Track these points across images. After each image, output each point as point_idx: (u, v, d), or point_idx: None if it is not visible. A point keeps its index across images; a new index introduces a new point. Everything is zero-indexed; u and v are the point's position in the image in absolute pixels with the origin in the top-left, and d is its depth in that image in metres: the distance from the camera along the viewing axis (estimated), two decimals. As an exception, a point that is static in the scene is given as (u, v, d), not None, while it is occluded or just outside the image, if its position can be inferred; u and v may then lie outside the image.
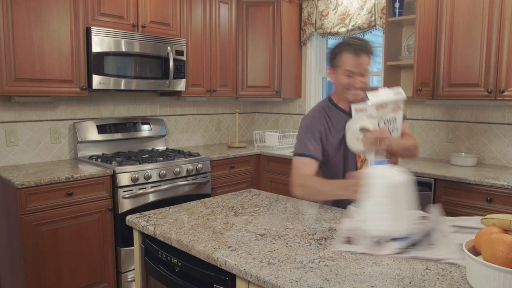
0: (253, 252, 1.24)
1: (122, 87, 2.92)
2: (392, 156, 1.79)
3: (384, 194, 1.32)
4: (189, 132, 3.92)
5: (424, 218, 1.48)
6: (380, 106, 1.65)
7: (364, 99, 1.71)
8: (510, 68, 2.59)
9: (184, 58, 3.28)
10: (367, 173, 1.38)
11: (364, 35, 3.63)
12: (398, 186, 1.32)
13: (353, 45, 1.71)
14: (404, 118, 1.84)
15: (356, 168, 1.86)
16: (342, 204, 1.81)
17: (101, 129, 3.15)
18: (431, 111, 3.27)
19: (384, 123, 1.70)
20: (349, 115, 1.83)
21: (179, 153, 3.26)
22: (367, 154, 1.75)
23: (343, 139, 1.82)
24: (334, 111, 1.89)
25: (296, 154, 1.86)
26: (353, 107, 1.73)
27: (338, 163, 1.88)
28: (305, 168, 1.81)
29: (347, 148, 1.78)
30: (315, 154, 1.82)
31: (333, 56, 1.78)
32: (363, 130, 1.65)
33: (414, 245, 1.27)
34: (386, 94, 1.67)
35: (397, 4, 3.13)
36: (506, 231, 1.07)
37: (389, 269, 1.12)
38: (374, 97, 1.65)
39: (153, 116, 3.59)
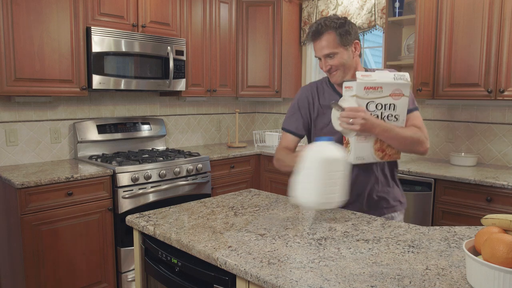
0: (253, 252, 1.24)
1: (122, 87, 2.92)
2: (389, 147, 1.64)
3: (313, 166, 1.44)
4: (189, 132, 3.92)
5: None
6: (371, 87, 1.53)
7: (348, 79, 1.67)
8: (510, 68, 2.59)
9: (184, 58, 3.28)
10: (308, 146, 1.52)
11: (364, 35, 3.63)
12: (327, 161, 1.44)
13: (310, 32, 1.69)
14: (415, 109, 1.73)
15: None
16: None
17: (101, 129, 3.15)
18: (431, 111, 3.27)
19: (377, 106, 1.57)
20: (340, 95, 1.76)
21: (179, 153, 3.26)
22: (347, 135, 1.62)
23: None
24: (327, 90, 1.83)
25: (282, 127, 1.93)
26: (344, 84, 1.62)
27: None
28: (283, 141, 1.88)
29: (334, 130, 1.74)
30: (292, 129, 1.85)
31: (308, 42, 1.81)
32: (337, 107, 1.57)
33: None
34: (381, 76, 1.57)
35: (397, 4, 3.13)
36: (506, 231, 1.07)
37: (389, 269, 1.12)
38: (364, 76, 1.54)
39: (153, 116, 3.59)
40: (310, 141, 1.92)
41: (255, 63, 3.88)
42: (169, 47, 3.15)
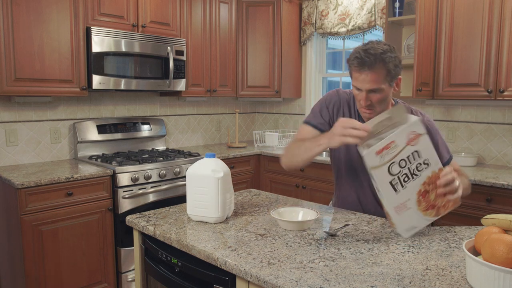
0: (253, 252, 1.24)
1: (122, 87, 2.92)
2: (438, 198, 1.36)
3: (197, 183, 1.52)
4: (189, 132, 3.92)
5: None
6: (382, 148, 1.27)
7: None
8: (510, 68, 2.59)
9: (184, 58, 3.28)
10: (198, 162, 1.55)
11: (364, 35, 3.63)
12: (194, 177, 1.52)
13: (356, 58, 1.46)
14: (451, 158, 1.57)
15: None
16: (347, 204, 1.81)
17: (101, 129, 3.15)
18: (431, 111, 3.27)
19: (401, 164, 1.30)
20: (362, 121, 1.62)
21: (179, 153, 3.26)
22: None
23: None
24: (352, 110, 1.68)
25: (304, 121, 1.74)
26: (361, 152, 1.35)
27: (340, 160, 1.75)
28: (299, 134, 1.70)
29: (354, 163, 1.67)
30: (315, 123, 1.68)
31: (348, 65, 1.54)
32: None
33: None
34: (385, 128, 1.32)
35: (397, 4, 3.13)
36: (506, 231, 1.07)
37: (389, 269, 1.12)
38: (368, 146, 1.29)
39: (153, 116, 3.59)
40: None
41: (255, 63, 3.88)
42: (169, 47, 3.15)
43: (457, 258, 1.20)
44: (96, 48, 2.76)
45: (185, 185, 2.96)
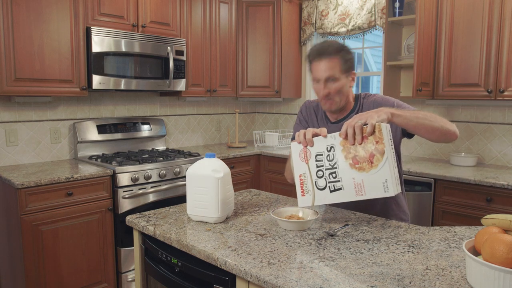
0: (253, 252, 1.24)
1: (122, 87, 2.92)
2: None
3: (197, 183, 1.52)
4: (189, 132, 3.92)
5: None
6: (302, 190, 1.43)
7: (342, 109, 1.66)
8: (510, 68, 2.59)
9: (184, 58, 3.28)
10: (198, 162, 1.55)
11: (364, 35, 3.63)
12: (194, 176, 1.51)
13: (313, 50, 1.61)
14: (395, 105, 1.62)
15: None
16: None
17: (101, 129, 3.15)
18: (431, 111, 3.27)
19: (319, 174, 1.42)
20: (328, 121, 1.75)
21: (179, 153, 3.26)
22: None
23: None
24: (319, 115, 1.79)
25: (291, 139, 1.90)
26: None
27: None
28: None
29: None
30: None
31: (308, 61, 1.68)
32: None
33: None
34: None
35: (397, 4, 3.13)
36: (506, 231, 1.07)
37: (389, 269, 1.12)
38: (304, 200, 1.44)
39: (153, 116, 3.59)
40: None
41: (255, 63, 3.88)
42: (169, 47, 3.15)
43: (457, 258, 1.20)
44: (96, 48, 2.76)
45: (185, 185, 2.97)
